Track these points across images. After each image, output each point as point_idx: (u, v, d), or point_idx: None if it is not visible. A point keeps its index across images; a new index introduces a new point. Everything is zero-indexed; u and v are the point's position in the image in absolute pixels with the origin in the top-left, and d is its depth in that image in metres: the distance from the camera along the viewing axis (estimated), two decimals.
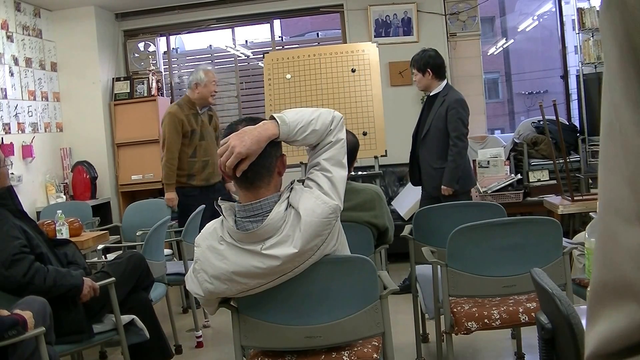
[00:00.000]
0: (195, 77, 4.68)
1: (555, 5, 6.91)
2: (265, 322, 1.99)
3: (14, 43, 5.54)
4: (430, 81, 4.16)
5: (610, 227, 0.41)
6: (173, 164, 4.58)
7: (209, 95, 4.70)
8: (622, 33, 0.41)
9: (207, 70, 4.75)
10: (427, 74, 4.14)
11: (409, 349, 3.28)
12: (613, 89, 0.42)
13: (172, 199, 4.62)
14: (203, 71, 4.71)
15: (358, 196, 2.60)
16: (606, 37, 0.42)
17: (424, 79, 4.16)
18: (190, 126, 4.61)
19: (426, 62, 4.14)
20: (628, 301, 0.39)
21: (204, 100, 4.70)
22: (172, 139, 4.56)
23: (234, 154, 1.79)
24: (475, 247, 2.48)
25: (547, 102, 4.12)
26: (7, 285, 2.58)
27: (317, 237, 1.83)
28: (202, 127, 4.69)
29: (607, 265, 0.41)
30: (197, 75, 4.67)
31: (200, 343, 3.86)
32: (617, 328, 0.40)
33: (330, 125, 1.90)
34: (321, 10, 6.50)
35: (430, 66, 4.12)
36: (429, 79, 4.15)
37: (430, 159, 4.12)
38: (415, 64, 4.20)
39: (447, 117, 4.03)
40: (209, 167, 4.68)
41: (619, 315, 0.40)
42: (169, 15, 6.59)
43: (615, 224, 0.40)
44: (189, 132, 4.60)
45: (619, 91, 0.41)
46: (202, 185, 4.67)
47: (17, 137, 5.44)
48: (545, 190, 4.95)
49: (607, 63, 0.43)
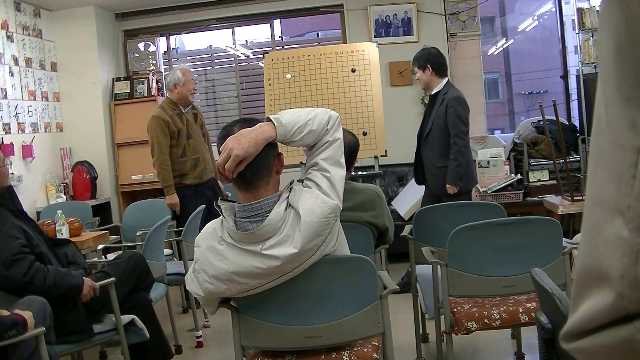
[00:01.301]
0: (173, 77, 4.69)
1: (555, 5, 6.91)
2: (266, 322, 1.99)
3: (14, 43, 5.54)
4: (430, 78, 4.17)
5: (594, 218, 0.43)
6: (167, 165, 4.57)
7: (189, 94, 4.71)
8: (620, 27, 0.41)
9: (184, 70, 4.75)
10: (427, 70, 4.15)
11: (409, 349, 3.28)
12: (606, 83, 0.43)
13: (175, 204, 4.61)
14: (180, 70, 4.71)
15: (358, 196, 2.59)
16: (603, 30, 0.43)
17: (424, 75, 4.17)
18: (176, 126, 4.61)
19: (426, 58, 4.16)
20: (603, 287, 0.41)
21: (185, 99, 4.71)
22: (161, 141, 4.55)
23: (232, 157, 1.79)
24: (475, 247, 2.48)
25: (547, 102, 4.13)
26: (7, 285, 2.58)
27: (317, 237, 1.84)
28: (188, 126, 4.69)
29: (589, 252, 0.43)
30: (175, 75, 4.68)
31: (200, 343, 3.86)
32: (590, 310, 0.42)
33: (327, 125, 1.91)
34: (321, 10, 6.50)
35: (430, 62, 4.14)
36: (429, 76, 4.16)
37: (433, 157, 4.14)
38: (417, 62, 4.22)
39: (447, 116, 4.05)
40: (200, 165, 4.68)
41: (595, 299, 0.42)
42: (169, 15, 6.59)
43: (599, 215, 0.42)
44: (175, 132, 4.60)
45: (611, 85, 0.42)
46: (196, 183, 4.68)
47: (17, 137, 5.44)
48: (545, 190, 4.95)
49: (602, 57, 0.43)
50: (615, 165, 0.41)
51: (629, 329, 0.40)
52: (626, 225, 0.40)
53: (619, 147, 0.41)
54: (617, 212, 0.40)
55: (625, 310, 0.40)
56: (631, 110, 0.40)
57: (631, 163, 0.40)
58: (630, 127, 0.40)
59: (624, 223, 0.40)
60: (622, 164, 0.41)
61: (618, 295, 0.40)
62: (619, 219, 0.40)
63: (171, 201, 4.60)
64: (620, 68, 0.41)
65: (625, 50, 0.41)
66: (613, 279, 0.40)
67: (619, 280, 0.40)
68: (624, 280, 0.39)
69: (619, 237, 0.40)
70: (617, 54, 0.41)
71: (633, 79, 0.40)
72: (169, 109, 4.66)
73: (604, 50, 0.43)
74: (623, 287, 0.39)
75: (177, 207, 4.62)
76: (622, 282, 0.39)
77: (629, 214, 0.40)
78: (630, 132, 0.40)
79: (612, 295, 0.40)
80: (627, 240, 0.39)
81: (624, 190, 0.40)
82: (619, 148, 0.41)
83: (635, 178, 0.40)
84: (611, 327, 0.41)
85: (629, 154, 0.40)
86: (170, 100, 4.72)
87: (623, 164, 0.40)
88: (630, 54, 0.40)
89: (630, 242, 0.39)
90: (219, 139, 1.90)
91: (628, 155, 0.40)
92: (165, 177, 4.58)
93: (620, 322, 0.40)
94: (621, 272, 0.39)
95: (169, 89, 4.74)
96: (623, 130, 0.41)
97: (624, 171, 0.40)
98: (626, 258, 0.39)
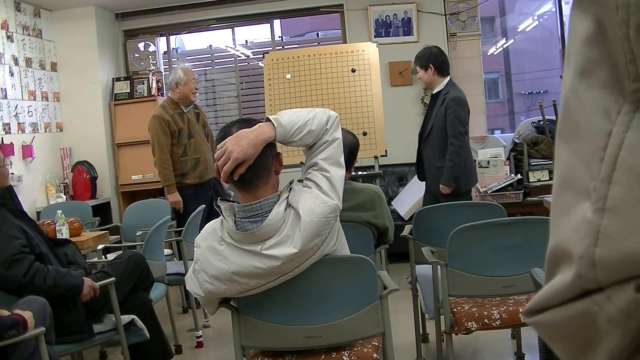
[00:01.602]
0: (175, 76, 4.69)
1: (555, 5, 6.92)
2: (266, 322, 1.99)
3: (14, 43, 5.54)
4: (432, 77, 4.18)
5: (563, 199, 0.44)
6: (168, 164, 4.57)
7: (190, 93, 4.71)
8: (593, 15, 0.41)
9: (185, 69, 4.75)
10: (429, 69, 4.15)
11: (409, 349, 3.28)
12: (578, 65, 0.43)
13: (177, 202, 4.61)
14: (181, 70, 4.72)
15: (358, 196, 2.59)
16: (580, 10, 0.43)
17: (427, 74, 4.18)
18: (176, 125, 4.61)
19: (428, 57, 4.16)
20: (566, 266, 0.42)
21: (186, 98, 4.70)
22: (162, 140, 4.55)
23: (231, 159, 1.79)
24: (475, 247, 2.48)
25: (547, 102, 4.13)
26: (7, 285, 2.58)
27: (317, 236, 1.84)
28: (189, 125, 4.69)
29: (557, 233, 0.44)
30: (176, 74, 4.68)
31: (200, 343, 3.86)
32: (552, 288, 0.44)
33: (326, 125, 1.90)
34: (321, 10, 6.50)
35: (432, 62, 4.15)
36: (431, 75, 4.17)
37: (433, 157, 4.15)
38: (418, 61, 4.22)
39: (446, 116, 4.05)
40: (201, 164, 4.68)
41: (558, 278, 0.43)
42: (169, 15, 6.59)
43: (569, 198, 0.43)
44: (176, 131, 4.60)
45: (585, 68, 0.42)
46: (197, 182, 4.67)
47: (17, 137, 5.44)
48: (545, 190, 4.95)
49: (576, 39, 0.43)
50: (584, 149, 0.42)
51: (585, 302, 0.41)
52: (591, 207, 0.40)
53: (589, 132, 0.41)
54: (585, 195, 0.41)
55: (583, 289, 0.41)
56: (605, 97, 0.41)
57: (600, 146, 0.40)
58: (603, 112, 0.41)
59: (590, 205, 0.41)
60: (591, 148, 0.41)
61: (577, 275, 0.41)
62: (586, 202, 0.41)
63: (174, 199, 4.61)
64: (595, 56, 0.41)
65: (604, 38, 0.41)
66: (574, 259, 0.41)
67: (578, 260, 0.40)
68: (582, 260, 0.40)
69: (583, 218, 0.41)
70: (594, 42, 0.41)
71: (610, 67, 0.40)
72: (169, 108, 4.66)
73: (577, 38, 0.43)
74: (581, 267, 0.40)
75: (181, 205, 4.61)
76: (580, 261, 0.40)
77: (594, 196, 0.40)
78: (603, 118, 0.40)
79: (571, 274, 0.41)
80: (590, 221, 0.40)
81: (592, 172, 0.41)
82: (589, 133, 0.41)
83: (603, 161, 0.40)
84: (570, 302, 0.42)
85: (599, 138, 0.40)
86: (172, 100, 4.72)
87: (592, 147, 0.41)
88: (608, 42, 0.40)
89: (592, 223, 0.40)
90: (218, 140, 1.89)
91: (598, 139, 0.41)
92: (167, 177, 4.58)
93: (578, 297, 0.41)
94: (580, 252, 0.40)
95: (171, 88, 4.74)
96: (595, 116, 0.41)
97: (593, 154, 0.41)
98: (587, 239, 0.40)
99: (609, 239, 0.39)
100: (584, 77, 0.42)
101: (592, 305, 0.40)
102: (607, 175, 0.40)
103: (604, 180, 0.40)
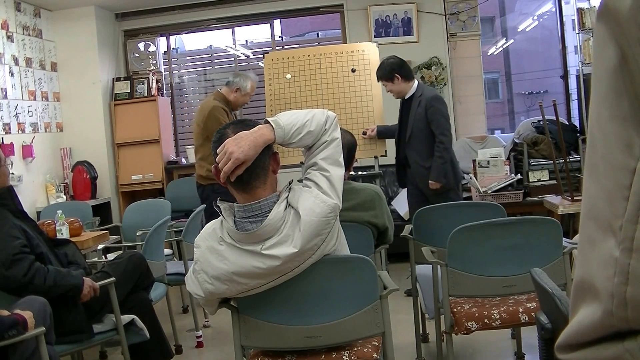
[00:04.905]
0: (242, 83, 4.68)
1: (555, 5, 6.91)
2: (266, 322, 1.99)
3: (14, 43, 5.54)
4: (401, 85, 4.25)
5: (589, 232, 0.44)
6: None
7: (241, 105, 4.80)
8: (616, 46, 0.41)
9: (254, 84, 4.79)
10: (396, 79, 4.22)
11: (409, 349, 3.28)
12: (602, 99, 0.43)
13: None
14: (251, 82, 4.73)
15: (358, 196, 2.60)
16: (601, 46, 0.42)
17: (395, 85, 4.25)
18: (229, 120, 4.60)
19: (391, 69, 4.22)
20: (593, 302, 0.42)
21: (236, 105, 4.76)
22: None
23: (231, 160, 1.79)
24: (475, 247, 2.49)
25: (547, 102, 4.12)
26: (7, 285, 2.58)
27: (317, 236, 1.84)
28: None
29: (584, 266, 0.44)
30: (245, 83, 4.68)
31: (201, 343, 3.86)
32: (582, 324, 0.43)
33: (325, 125, 1.91)
34: (321, 10, 6.50)
35: (396, 72, 4.21)
36: (399, 84, 4.23)
37: (420, 159, 4.22)
38: (383, 77, 4.28)
39: (428, 116, 4.10)
40: None
41: (587, 313, 0.43)
42: (169, 15, 6.59)
43: (593, 231, 0.43)
44: None
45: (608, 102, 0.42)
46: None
47: (17, 137, 5.44)
48: (545, 190, 4.95)
49: (599, 73, 0.43)
50: (608, 183, 0.42)
51: (618, 348, 0.41)
52: (618, 246, 0.40)
53: (612, 166, 0.41)
54: (609, 231, 0.41)
55: (614, 327, 0.41)
56: (627, 130, 0.40)
57: (624, 184, 0.40)
58: (626, 147, 0.40)
59: (616, 243, 0.41)
60: (615, 184, 0.41)
61: (607, 313, 0.41)
62: (611, 239, 0.41)
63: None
64: (619, 87, 0.41)
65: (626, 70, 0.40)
66: (602, 296, 0.41)
67: (609, 298, 0.41)
68: (614, 299, 0.40)
69: (610, 257, 0.41)
70: (617, 72, 0.41)
71: (632, 99, 0.40)
72: (223, 103, 4.65)
73: (601, 67, 0.43)
74: (613, 305, 0.40)
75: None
76: (611, 300, 0.40)
77: (621, 235, 0.40)
78: (625, 153, 0.40)
79: (600, 312, 0.41)
80: (618, 261, 0.40)
81: (617, 210, 0.41)
82: (611, 167, 0.41)
83: (628, 200, 0.40)
84: (603, 342, 0.42)
85: (623, 174, 0.40)
86: (225, 97, 4.70)
87: (616, 183, 0.41)
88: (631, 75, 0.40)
89: (620, 263, 0.40)
90: (214, 142, 1.89)
91: (621, 175, 0.40)
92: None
93: (611, 338, 0.41)
94: (611, 290, 0.40)
95: (230, 87, 4.71)
96: (617, 149, 0.41)
97: (617, 191, 0.41)
98: (617, 278, 0.40)
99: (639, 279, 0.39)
100: (607, 108, 0.42)
101: (624, 353, 0.40)
102: (633, 216, 0.39)
103: (630, 220, 0.40)
